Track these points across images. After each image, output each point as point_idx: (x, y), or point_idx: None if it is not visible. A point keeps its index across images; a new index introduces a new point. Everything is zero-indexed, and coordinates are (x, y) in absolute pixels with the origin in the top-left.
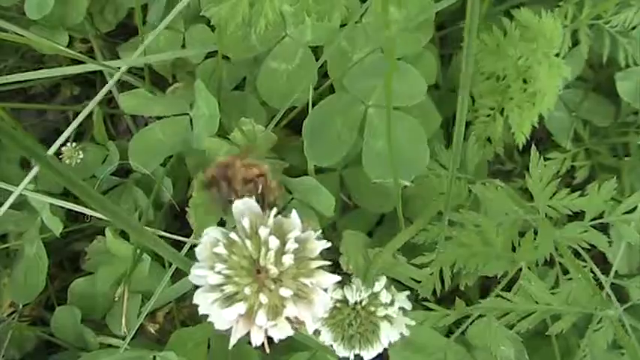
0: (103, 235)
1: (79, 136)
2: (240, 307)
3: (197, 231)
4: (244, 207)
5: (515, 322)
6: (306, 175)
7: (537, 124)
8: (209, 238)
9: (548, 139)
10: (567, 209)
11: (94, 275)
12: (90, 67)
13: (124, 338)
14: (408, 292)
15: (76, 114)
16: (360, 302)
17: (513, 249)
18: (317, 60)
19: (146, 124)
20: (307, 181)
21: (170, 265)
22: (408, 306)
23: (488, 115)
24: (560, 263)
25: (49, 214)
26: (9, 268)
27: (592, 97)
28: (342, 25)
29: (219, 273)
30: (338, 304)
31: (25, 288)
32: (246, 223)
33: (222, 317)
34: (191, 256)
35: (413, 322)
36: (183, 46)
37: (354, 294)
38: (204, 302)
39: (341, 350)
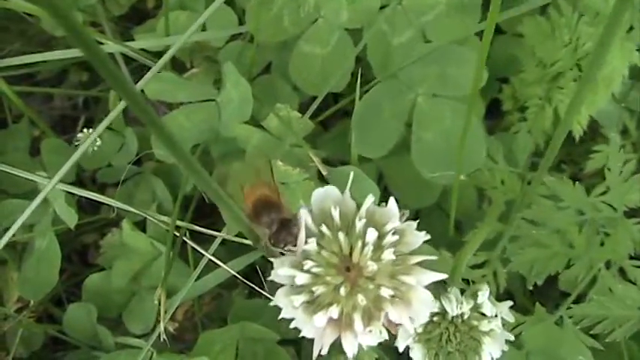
0: (115, 227)
1: (88, 123)
2: (334, 311)
3: (230, 227)
4: (325, 194)
5: (610, 329)
6: (348, 165)
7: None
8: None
9: (590, 131)
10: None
11: (109, 270)
12: (106, 48)
13: (139, 337)
14: (510, 303)
15: (85, 100)
16: (461, 315)
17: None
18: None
19: (158, 112)
20: (350, 171)
21: (193, 258)
22: (511, 318)
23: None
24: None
25: (63, 205)
26: (16, 262)
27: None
28: (381, 8)
29: (307, 272)
30: (435, 318)
31: (36, 283)
32: (336, 214)
33: (312, 323)
34: (221, 252)
35: (513, 337)
36: (204, 29)
37: (455, 306)
38: (288, 305)
39: None
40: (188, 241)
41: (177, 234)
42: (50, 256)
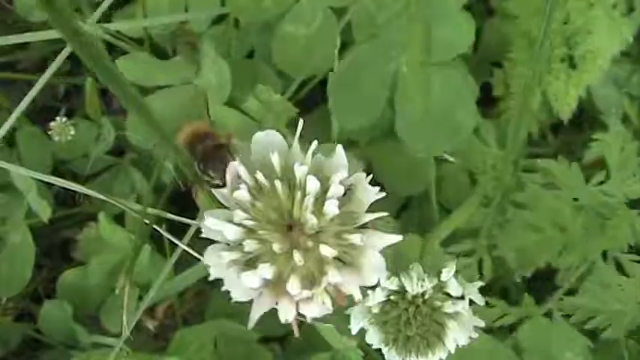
0: (96, 220)
1: (68, 114)
2: (266, 271)
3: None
4: (267, 139)
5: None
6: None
7: (580, 101)
8: (230, 179)
9: (589, 119)
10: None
11: (86, 265)
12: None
13: (119, 336)
14: (480, 283)
15: (67, 90)
16: (422, 295)
17: None
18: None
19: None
20: (331, 149)
21: (172, 254)
22: (480, 301)
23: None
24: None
25: (35, 197)
26: None
27: None
28: None
29: (239, 225)
30: (393, 297)
31: (10, 279)
32: (275, 159)
33: (242, 284)
34: (203, 247)
35: (482, 324)
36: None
37: (415, 284)
38: (218, 263)
39: (392, 355)
40: (161, 230)
41: (155, 226)
42: (24, 251)
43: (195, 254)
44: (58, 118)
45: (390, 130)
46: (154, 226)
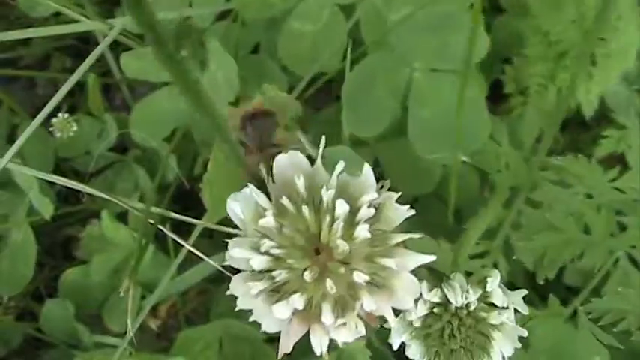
0: (99, 218)
1: (71, 110)
2: (297, 301)
3: (211, 212)
4: (290, 162)
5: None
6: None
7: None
8: (249, 205)
9: (596, 115)
10: None
11: (89, 264)
12: (86, 25)
13: (121, 335)
14: (524, 292)
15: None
16: (467, 306)
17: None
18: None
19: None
20: (342, 152)
21: (176, 253)
22: (525, 310)
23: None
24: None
25: (37, 195)
26: None
27: None
28: None
29: (266, 253)
30: (435, 309)
31: (11, 278)
32: (300, 184)
33: (272, 315)
34: (206, 245)
35: (526, 333)
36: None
37: (459, 295)
38: (246, 294)
39: None
40: (166, 230)
41: (160, 226)
42: (26, 249)
43: (200, 254)
44: (60, 114)
45: (400, 128)
46: (159, 226)
